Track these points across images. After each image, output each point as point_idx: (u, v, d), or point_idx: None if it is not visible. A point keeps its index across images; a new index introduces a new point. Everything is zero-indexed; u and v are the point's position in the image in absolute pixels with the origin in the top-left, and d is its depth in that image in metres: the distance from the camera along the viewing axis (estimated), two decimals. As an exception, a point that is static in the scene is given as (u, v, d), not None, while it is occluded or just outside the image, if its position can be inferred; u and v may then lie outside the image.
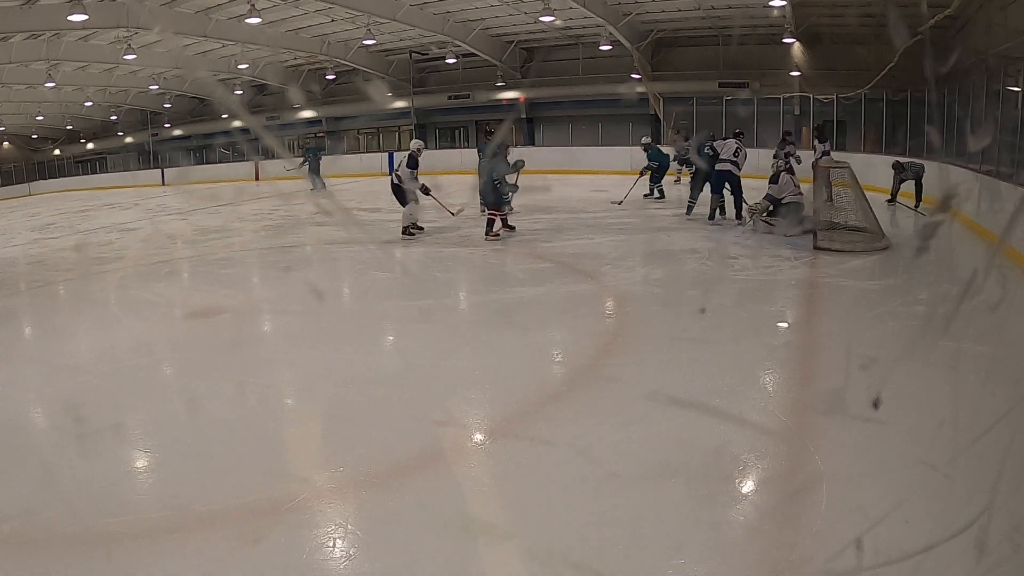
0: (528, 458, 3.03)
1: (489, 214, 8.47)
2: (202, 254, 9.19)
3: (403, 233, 8.76)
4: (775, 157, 9.31)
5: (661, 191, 12.08)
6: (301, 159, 17.69)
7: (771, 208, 8.27)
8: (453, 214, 9.67)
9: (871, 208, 7.74)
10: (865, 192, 8.11)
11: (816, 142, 12.62)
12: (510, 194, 8.74)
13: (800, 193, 8.25)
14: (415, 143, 8.96)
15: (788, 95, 18.50)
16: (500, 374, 4.12)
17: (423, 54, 23.35)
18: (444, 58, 22.37)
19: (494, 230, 8.37)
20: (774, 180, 8.33)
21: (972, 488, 2.43)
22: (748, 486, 2.76)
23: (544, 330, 5.01)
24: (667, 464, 2.87)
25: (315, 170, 16.97)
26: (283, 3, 17.54)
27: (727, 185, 8.98)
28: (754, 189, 9.45)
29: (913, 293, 5.53)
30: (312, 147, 18.51)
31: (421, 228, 9.04)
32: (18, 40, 17.50)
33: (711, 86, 19.64)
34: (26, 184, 30.84)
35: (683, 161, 12.50)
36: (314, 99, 26.30)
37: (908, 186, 9.94)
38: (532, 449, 3.11)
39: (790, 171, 8.40)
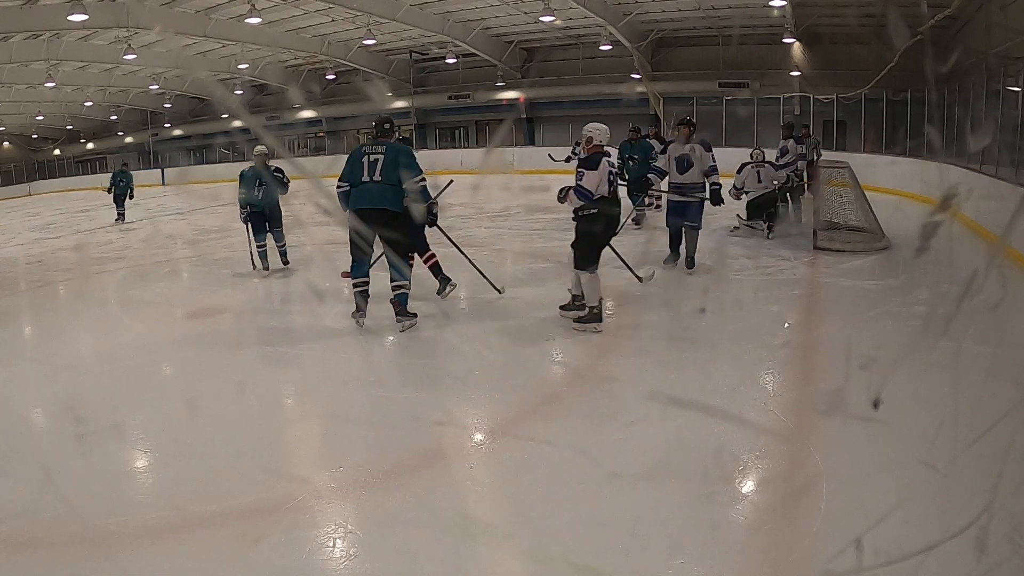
0: (528, 458, 3.03)
1: None
2: (202, 254, 9.19)
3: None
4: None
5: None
6: (110, 184, 13.82)
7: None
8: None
9: (871, 208, 7.74)
10: (865, 192, 8.12)
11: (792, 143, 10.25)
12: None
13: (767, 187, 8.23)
14: None
15: (788, 95, 18.50)
16: (500, 374, 4.12)
17: (423, 54, 23.36)
18: (444, 58, 22.38)
19: None
20: (739, 171, 8.37)
21: (972, 488, 2.43)
22: (748, 486, 2.76)
23: (544, 330, 5.01)
24: (667, 464, 2.86)
25: (121, 197, 13.64)
26: (283, 3, 17.55)
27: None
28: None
29: (913, 293, 5.52)
30: (120, 170, 14.18)
31: None
32: (18, 40, 17.51)
33: (711, 86, 19.64)
34: (26, 184, 30.89)
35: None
36: (314, 99, 26.32)
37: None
38: (532, 449, 3.11)
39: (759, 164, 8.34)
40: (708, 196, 6.30)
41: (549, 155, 10.60)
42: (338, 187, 4.86)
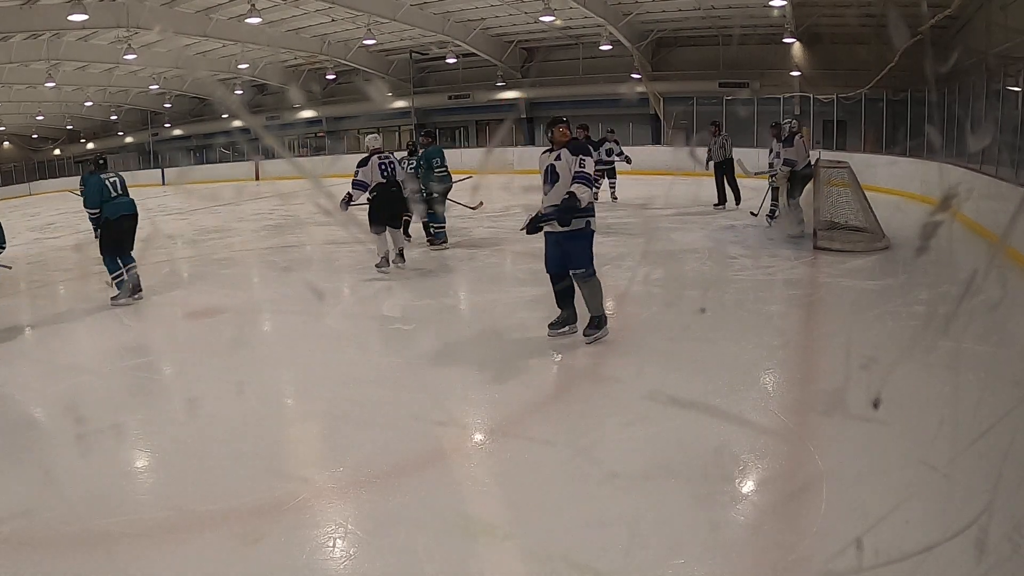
0: (528, 458, 3.03)
1: None
2: (202, 254, 9.19)
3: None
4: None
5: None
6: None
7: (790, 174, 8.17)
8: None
9: (871, 208, 7.73)
10: (865, 192, 8.11)
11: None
12: None
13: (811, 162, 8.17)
14: None
15: (788, 95, 18.51)
16: (500, 374, 4.12)
17: (423, 54, 23.37)
18: (444, 58, 22.40)
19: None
20: (789, 143, 8.24)
21: (972, 488, 2.43)
22: (748, 486, 2.76)
23: (544, 330, 5.01)
24: (667, 464, 2.86)
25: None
26: (283, 3, 17.56)
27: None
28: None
29: (913, 293, 5.52)
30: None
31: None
32: (18, 40, 17.52)
33: (711, 86, 19.65)
34: (26, 184, 30.84)
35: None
36: (314, 99, 26.33)
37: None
38: (532, 449, 3.11)
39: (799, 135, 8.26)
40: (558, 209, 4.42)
41: None
42: (94, 212, 6.15)
